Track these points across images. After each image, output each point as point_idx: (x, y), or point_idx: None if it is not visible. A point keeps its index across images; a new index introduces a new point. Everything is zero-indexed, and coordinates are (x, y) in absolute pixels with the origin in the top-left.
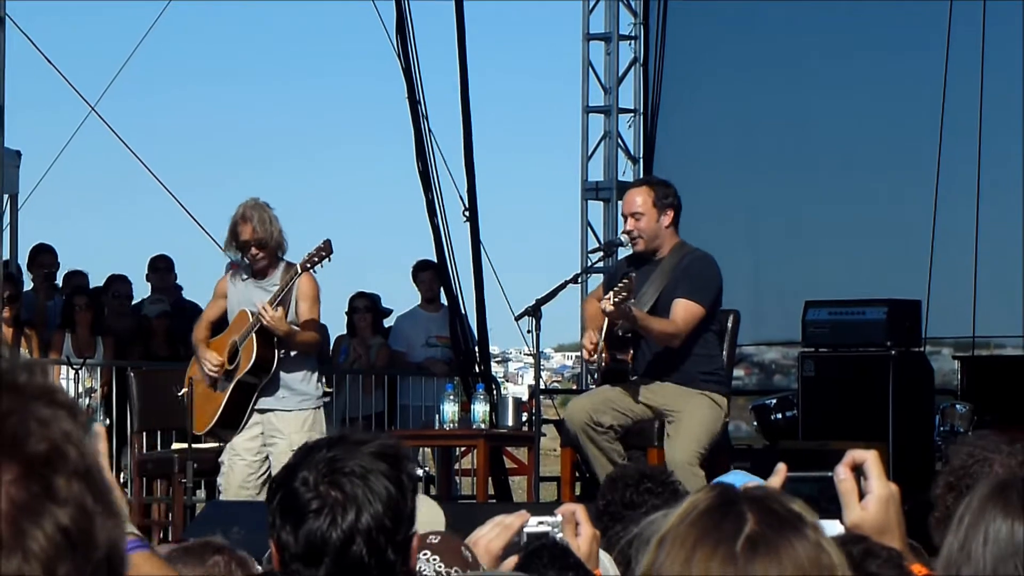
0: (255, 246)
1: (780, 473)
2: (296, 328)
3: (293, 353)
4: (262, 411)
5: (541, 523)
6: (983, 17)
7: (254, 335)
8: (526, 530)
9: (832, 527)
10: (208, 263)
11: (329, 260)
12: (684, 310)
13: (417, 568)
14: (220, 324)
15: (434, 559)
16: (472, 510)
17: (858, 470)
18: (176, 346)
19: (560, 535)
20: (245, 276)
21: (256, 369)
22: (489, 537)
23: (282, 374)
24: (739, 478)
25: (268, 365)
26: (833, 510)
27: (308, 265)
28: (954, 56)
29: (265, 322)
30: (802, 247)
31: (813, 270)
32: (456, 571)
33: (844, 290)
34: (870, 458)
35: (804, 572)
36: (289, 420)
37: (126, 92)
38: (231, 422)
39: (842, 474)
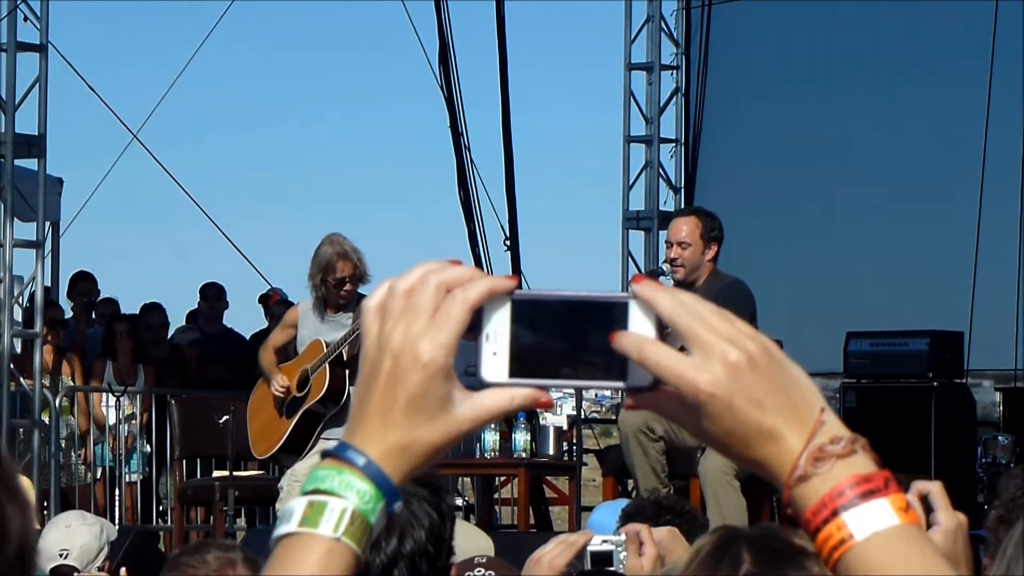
0: (352, 282)
1: None
2: None
3: None
4: (328, 439)
5: (605, 541)
6: None
7: (327, 366)
8: (590, 548)
9: None
10: (250, 291)
11: None
12: None
13: None
14: (282, 353)
15: (489, 572)
16: (512, 539)
17: (924, 501)
18: (208, 373)
19: (624, 555)
20: (319, 309)
21: (326, 399)
22: (553, 555)
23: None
24: (610, 511)
25: (339, 396)
26: None
27: None
28: (997, 86)
29: None
30: (843, 277)
31: (854, 300)
32: None
33: (885, 321)
34: (935, 489)
35: None
36: None
37: (168, 120)
38: (294, 448)
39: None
